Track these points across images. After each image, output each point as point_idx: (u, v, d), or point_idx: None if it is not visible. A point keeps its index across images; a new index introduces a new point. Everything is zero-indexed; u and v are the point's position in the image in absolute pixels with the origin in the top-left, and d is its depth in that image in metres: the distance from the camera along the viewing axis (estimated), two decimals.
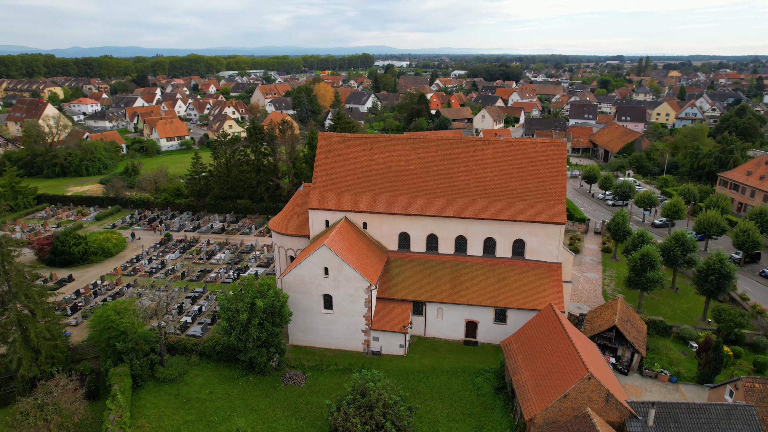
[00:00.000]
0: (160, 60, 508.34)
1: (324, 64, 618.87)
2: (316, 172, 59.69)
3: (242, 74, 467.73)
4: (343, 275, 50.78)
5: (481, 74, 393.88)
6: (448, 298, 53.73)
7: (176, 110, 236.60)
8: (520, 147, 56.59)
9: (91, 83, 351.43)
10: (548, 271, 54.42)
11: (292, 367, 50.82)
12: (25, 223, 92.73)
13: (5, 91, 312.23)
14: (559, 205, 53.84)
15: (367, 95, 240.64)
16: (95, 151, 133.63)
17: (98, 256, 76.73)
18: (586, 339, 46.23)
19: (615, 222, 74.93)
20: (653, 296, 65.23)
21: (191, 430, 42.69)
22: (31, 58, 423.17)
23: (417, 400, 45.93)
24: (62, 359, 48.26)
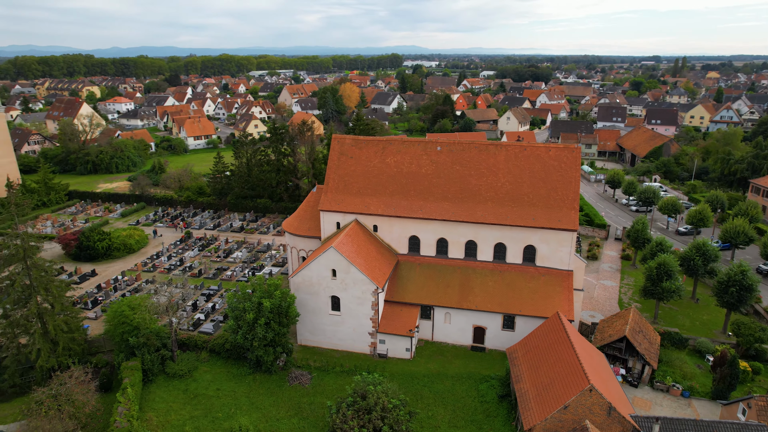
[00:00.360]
0: (192, 60, 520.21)
1: (353, 64, 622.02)
2: (328, 174, 60.23)
3: (272, 74, 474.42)
4: (350, 278, 51.12)
5: (509, 75, 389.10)
6: (456, 303, 53.47)
7: (205, 109, 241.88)
8: (532, 152, 55.86)
9: (127, 82, 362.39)
10: (559, 278, 53.55)
11: (299, 367, 51.45)
12: (55, 218, 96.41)
13: (47, 90, 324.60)
14: (571, 212, 52.93)
15: (392, 96, 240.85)
16: (125, 149, 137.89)
17: (121, 252, 79.17)
18: (593, 349, 45.34)
19: (634, 229, 73.12)
20: (671, 306, 63.42)
21: (196, 425, 43.72)
22: (72, 58, 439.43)
23: (420, 405, 45.89)
24: (79, 351, 50.02)
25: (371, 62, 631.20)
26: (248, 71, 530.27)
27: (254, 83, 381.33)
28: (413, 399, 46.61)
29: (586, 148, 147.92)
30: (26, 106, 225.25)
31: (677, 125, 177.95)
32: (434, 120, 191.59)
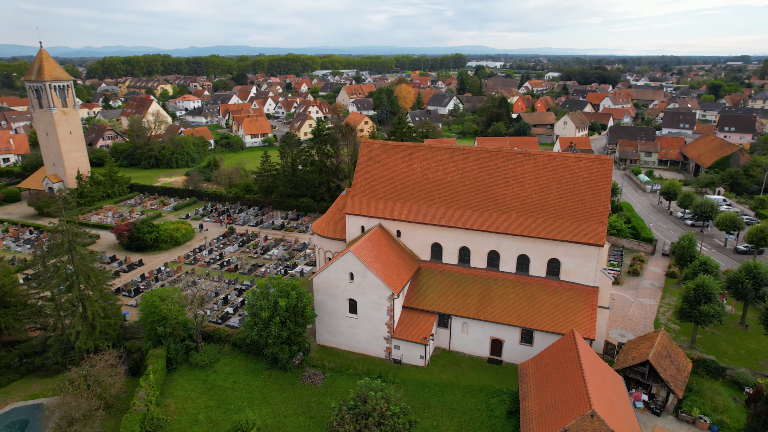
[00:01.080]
0: (260, 59, 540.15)
1: (416, 65, 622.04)
2: (355, 177, 61.08)
3: (335, 73, 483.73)
4: (367, 282, 51.64)
5: (575, 77, 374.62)
6: (474, 313, 52.66)
7: (266, 108, 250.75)
8: (562, 162, 53.95)
9: (197, 81, 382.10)
10: (583, 294, 51.44)
11: (314, 366, 52.62)
12: (116, 209, 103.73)
13: (127, 88, 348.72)
14: (599, 226, 50.68)
15: (449, 97, 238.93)
16: (185, 146, 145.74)
17: (167, 244, 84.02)
18: (609, 372, 43.26)
19: (680, 245, 68.77)
20: (715, 331, 59.12)
21: (209, 414, 45.88)
22: (151, 58, 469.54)
23: (426, 415, 45.71)
24: (114, 336, 53.80)
25: (434, 62, 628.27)
26: (312, 71, 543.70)
27: (316, 83, 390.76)
28: (421, 408, 46.50)
29: (646, 156, 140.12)
30: (107, 104, 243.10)
31: (755, 133, 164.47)
32: (488, 123, 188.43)
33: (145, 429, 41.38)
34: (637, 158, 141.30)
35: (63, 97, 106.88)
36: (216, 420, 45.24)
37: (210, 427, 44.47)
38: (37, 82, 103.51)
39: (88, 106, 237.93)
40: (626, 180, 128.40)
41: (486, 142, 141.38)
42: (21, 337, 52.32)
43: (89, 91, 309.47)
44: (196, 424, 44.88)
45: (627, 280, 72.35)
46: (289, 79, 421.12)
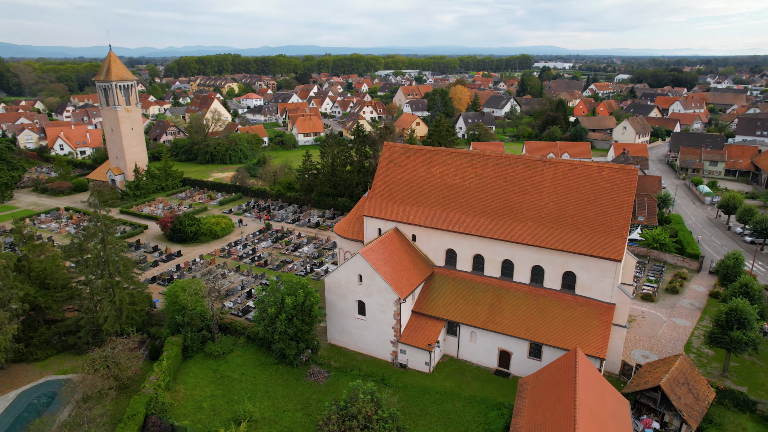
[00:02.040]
0: (325, 59, 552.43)
1: (480, 65, 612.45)
2: (375, 180, 61.45)
3: (397, 74, 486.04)
4: (374, 285, 51.90)
5: (646, 79, 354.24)
6: (482, 323, 51.55)
7: (323, 107, 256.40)
8: (583, 171, 51.62)
9: (262, 80, 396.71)
10: (598, 311, 48.99)
11: (320, 364, 53.57)
12: (167, 202, 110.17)
13: (198, 86, 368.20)
14: (618, 240, 48.07)
15: (506, 99, 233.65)
16: (238, 143, 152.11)
17: (207, 237, 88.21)
18: (613, 395, 40.99)
19: (725, 263, 63.81)
20: (756, 360, 54.36)
21: (213, 403, 47.94)
22: (222, 57, 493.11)
23: (421, 422, 45.37)
24: (139, 322, 57.38)
25: (499, 63, 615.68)
26: (376, 71, 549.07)
27: (377, 83, 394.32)
28: (417, 415, 46.21)
29: (711, 166, 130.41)
30: (176, 101, 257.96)
31: None
32: (544, 126, 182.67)
33: (150, 411, 43.91)
34: (699, 167, 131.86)
35: (127, 96, 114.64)
36: (218, 408, 47.19)
37: (211, 414, 46.48)
38: (105, 82, 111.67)
39: (160, 103, 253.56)
40: (684, 191, 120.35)
41: (534, 146, 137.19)
42: (59, 317, 56.91)
43: (163, 89, 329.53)
44: (199, 410, 47.04)
45: (664, 297, 67.99)
46: (351, 78, 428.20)
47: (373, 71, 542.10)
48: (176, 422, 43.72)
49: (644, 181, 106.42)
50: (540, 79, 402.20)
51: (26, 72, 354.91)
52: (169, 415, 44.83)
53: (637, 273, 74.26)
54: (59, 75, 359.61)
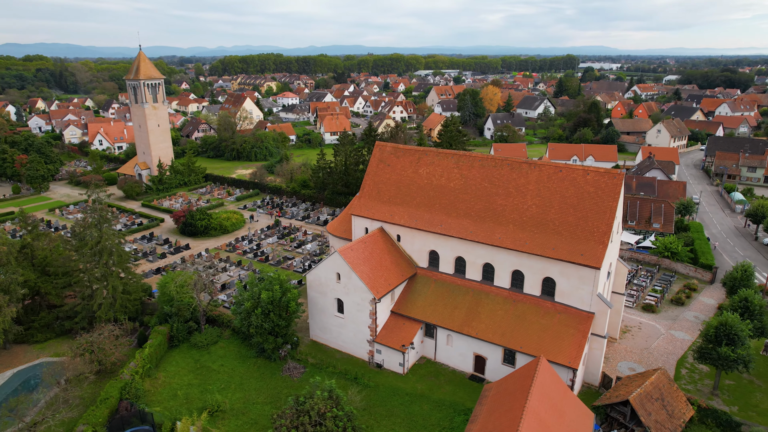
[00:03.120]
0: (365, 59, 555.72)
1: (523, 65, 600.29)
2: (365, 179, 61.57)
3: (436, 73, 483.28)
4: (351, 283, 52.06)
5: (696, 80, 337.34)
6: (458, 327, 50.80)
7: (356, 106, 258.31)
8: (568, 174, 49.96)
9: (301, 79, 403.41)
10: (576, 319, 47.35)
11: (298, 360, 54.21)
12: (187, 196, 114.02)
13: (239, 85, 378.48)
14: (598, 246, 46.29)
15: (540, 100, 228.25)
16: (264, 140, 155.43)
17: (217, 232, 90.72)
18: (575, 407, 39.53)
19: (732, 275, 60.24)
20: (754, 379, 51.13)
21: (187, 392, 49.40)
22: (264, 57, 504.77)
23: (385, 423, 45.22)
24: (132, 310, 59.78)
25: (543, 64, 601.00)
26: (415, 70, 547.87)
27: (414, 82, 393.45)
28: (383, 415, 46.09)
29: (749, 172, 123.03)
30: (213, 99, 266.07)
31: None
32: (575, 128, 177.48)
33: (124, 396, 45.74)
34: (736, 173, 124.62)
35: (154, 94, 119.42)
36: (191, 397, 48.60)
37: (183, 402, 47.92)
38: (134, 81, 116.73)
39: (199, 101, 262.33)
40: (715, 198, 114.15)
41: (558, 149, 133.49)
42: (59, 303, 60.03)
43: (205, 87, 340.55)
44: (173, 398, 48.59)
45: (667, 309, 64.90)
46: (390, 78, 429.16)
47: (413, 71, 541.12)
48: (147, 408, 45.35)
49: (668, 186, 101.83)
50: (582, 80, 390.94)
51: (82, 71, 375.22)
52: (142, 401, 46.54)
53: (643, 282, 71.16)
54: (111, 74, 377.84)
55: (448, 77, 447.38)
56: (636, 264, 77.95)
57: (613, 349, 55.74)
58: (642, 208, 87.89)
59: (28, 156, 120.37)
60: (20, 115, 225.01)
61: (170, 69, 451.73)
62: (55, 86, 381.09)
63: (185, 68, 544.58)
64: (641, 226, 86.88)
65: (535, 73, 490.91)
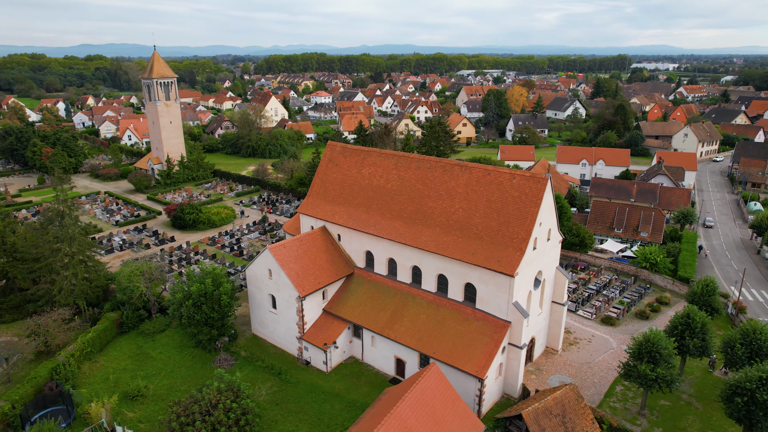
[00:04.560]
0: (407, 58, 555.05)
1: (570, 66, 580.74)
2: (314, 178, 62.28)
3: (478, 73, 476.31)
4: (281, 280, 52.89)
5: (753, 81, 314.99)
6: (380, 329, 50.58)
7: (384, 105, 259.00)
8: (495, 178, 48.64)
9: (339, 78, 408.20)
10: (493, 328, 46.08)
11: (232, 352, 55.62)
12: (191, 191, 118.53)
13: (279, 83, 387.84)
14: (516, 253, 44.86)
15: (570, 102, 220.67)
16: (279, 138, 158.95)
17: (205, 226, 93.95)
18: (463, 418, 38.57)
19: (693, 291, 56.60)
20: (693, 401, 47.98)
21: (119, 376, 51.79)
22: (308, 56, 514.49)
23: (291, 419, 45.75)
24: (93, 297, 63.08)
25: (592, 64, 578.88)
26: (458, 70, 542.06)
27: (452, 82, 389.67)
28: (292, 412, 46.62)
29: None
30: (245, 97, 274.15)
31: None
32: (599, 131, 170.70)
33: (54, 377, 48.59)
34: (762, 181, 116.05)
35: (167, 92, 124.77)
36: (120, 382, 50.91)
37: (111, 386, 50.27)
38: (148, 79, 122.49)
39: (234, 99, 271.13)
40: (732, 207, 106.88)
41: (567, 151, 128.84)
42: (26, 286, 64.24)
43: (246, 85, 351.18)
44: (104, 381, 51.10)
45: (629, 322, 61.78)
46: (430, 77, 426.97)
47: (456, 71, 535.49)
48: (72, 389, 48.00)
49: (671, 194, 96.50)
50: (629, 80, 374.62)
51: (134, 70, 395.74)
52: (72, 383, 49.25)
53: (612, 293, 67.94)
54: None
55: (489, 77, 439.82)
56: (613, 274, 74.45)
57: (552, 361, 53.76)
58: (630, 216, 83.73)
59: (53, 149, 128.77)
60: (69, 111, 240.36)
61: (217, 67, 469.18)
62: (110, 84, 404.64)
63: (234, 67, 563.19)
64: (628, 234, 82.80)
65: (580, 74, 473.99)
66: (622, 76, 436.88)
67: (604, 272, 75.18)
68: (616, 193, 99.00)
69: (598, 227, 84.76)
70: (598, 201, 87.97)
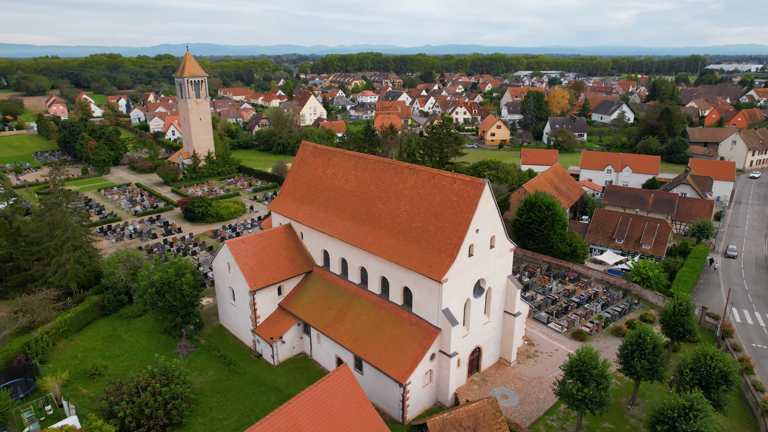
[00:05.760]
0: (464, 58, 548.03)
1: (636, 67, 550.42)
2: (287, 176, 63.79)
3: (534, 75, 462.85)
4: (237, 274, 54.74)
5: None
6: (323, 327, 51.24)
7: (426, 106, 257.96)
8: (438, 181, 47.94)
9: (389, 78, 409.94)
10: (423, 334, 45.55)
11: (194, 340, 58.20)
12: (213, 185, 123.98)
13: (330, 82, 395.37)
14: (447, 259, 44.09)
15: (617, 105, 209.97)
16: (309, 136, 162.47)
17: (213, 219, 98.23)
18: (368, 421, 38.45)
19: (665, 311, 53.01)
20: (640, 426, 45.11)
21: (87, 355, 55.60)
22: (363, 56, 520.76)
23: (226, 407, 47.38)
24: (85, 281, 67.93)
25: (660, 65, 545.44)
26: (515, 71, 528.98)
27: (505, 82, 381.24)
28: (228, 402, 48.20)
29: None
30: (290, 96, 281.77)
31: None
32: (640, 136, 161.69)
33: (25, 350, 52.99)
34: None
35: (197, 90, 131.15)
36: (86, 359, 54.67)
37: (76, 363, 54.10)
38: (180, 78, 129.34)
39: (281, 97, 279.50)
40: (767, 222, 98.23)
41: (592, 157, 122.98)
42: (27, 267, 70.15)
43: (297, 84, 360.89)
44: (73, 358, 55.08)
45: (601, 339, 58.76)
46: (484, 78, 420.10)
47: (513, 72, 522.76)
48: (38, 363, 52.18)
49: (691, 205, 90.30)
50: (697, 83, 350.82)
51: None
52: (40, 357, 53.47)
53: (593, 307, 64.70)
54: (222, 71, 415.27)
55: (545, 79, 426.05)
56: (603, 286, 70.76)
57: (502, 372, 52.18)
58: (633, 227, 79.11)
59: (96, 143, 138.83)
60: (129, 107, 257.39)
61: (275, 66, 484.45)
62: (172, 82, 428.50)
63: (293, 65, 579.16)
64: (629, 246, 78.29)
65: (645, 76, 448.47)
66: (690, 78, 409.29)
67: (593, 284, 71.66)
68: (631, 202, 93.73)
69: (599, 237, 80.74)
70: (600, 210, 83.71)
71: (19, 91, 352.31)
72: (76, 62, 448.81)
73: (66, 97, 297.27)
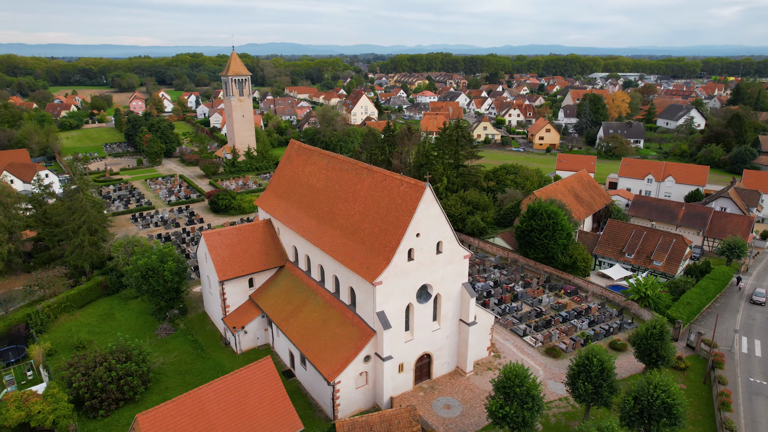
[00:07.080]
0: (536, 59, 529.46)
1: (732, 69, 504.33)
2: (274, 174, 65.95)
3: (610, 77, 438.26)
4: (210, 264, 57.55)
5: None
6: (279, 321, 52.71)
7: (482, 108, 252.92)
8: (389, 183, 47.76)
9: (453, 78, 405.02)
10: (360, 335, 45.68)
11: (176, 324, 61.86)
12: (248, 179, 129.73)
13: (394, 82, 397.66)
14: (383, 262, 43.92)
15: (685, 111, 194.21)
16: (351, 135, 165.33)
17: (236, 211, 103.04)
18: (281, 414, 39.43)
19: (638, 334, 49.37)
20: None
21: (78, 329, 60.84)
22: (432, 56, 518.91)
23: (180, 389, 49.80)
24: (98, 262, 74.16)
25: (762, 66, 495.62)
26: (591, 72, 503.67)
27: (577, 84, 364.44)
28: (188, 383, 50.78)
29: None
30: (348, 93, 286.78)
31: None
32: (702, 144, 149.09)
33: (26, 321, 59.01)
34: None
35: (241, 89, 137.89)
36: (76, 333, 59.80)
37: (68, 336, 59.38)
38: (225, 77, 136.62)
39: (340, 96, 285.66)
40: None
41: (632, 164, 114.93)
42: (52, 246, 77.54)
43: (362, 83, 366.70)
44: (67, 331, 60.50)
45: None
46: (554, 80, 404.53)
47: (587, 74, 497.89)
48: (37, 333, 57.93)
49: (727, 221, 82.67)
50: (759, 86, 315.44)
51: (269, 67, 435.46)
52: (38, 327, 59.29)
53: (578, 323, 61.21)
54: (292, 70, 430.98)
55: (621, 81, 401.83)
56: (600, 303, 66.62)
57: (454, 382, 50.91)
58: (647, 241, 73.58)
59: (151, 136, 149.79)
60: (198, 103, 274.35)
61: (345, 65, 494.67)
62: None
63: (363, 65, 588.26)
64: (640, 261, 72.93)
65: (738, 78, 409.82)
66: None
67: (590, 299, 67.66)
68: (659, 214, 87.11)
69: (608, 250, 75.92)
70: (614, 221, 78.51)
71: (113, 88, 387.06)
72: (163, 61, 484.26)
73: (149, 93, 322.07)
